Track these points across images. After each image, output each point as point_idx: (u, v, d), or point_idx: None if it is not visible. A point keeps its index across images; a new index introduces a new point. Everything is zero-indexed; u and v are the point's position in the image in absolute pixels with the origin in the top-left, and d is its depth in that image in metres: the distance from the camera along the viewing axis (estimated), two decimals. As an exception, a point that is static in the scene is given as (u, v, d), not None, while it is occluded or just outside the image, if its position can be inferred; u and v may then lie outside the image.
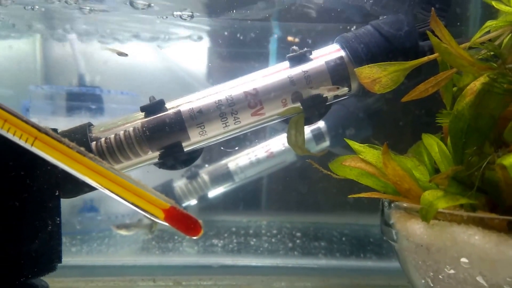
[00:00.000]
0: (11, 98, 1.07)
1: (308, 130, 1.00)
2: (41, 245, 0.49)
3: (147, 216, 0.39)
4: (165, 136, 0.57)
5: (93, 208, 1.06)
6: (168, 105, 0.59)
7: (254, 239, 1.04)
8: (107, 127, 0.58)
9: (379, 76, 0.54)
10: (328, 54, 0.61)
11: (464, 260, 0.40)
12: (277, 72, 0.60)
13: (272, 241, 1.04)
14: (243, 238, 1.05)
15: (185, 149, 0.59)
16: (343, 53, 0.60)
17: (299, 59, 0.60)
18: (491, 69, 0.46)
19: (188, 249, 0.99)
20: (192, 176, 1.03)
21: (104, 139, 0.57)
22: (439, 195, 0.43)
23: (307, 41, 1.03)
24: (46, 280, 0.52)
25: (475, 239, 0.40)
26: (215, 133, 0.59)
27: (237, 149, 1.05)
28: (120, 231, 0.97)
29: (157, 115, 0.58)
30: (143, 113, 0.58)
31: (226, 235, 1.07)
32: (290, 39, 1.08)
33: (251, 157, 1.04)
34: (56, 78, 1.19)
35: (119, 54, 0.95)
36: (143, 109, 0.58)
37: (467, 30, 0.90)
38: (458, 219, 0.42)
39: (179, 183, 1.04)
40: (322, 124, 1.01)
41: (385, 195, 0.53)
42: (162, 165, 0.60)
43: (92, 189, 0.54)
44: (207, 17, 0.99)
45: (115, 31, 1.08)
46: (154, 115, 0.58)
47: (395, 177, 0.49)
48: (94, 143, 0.56)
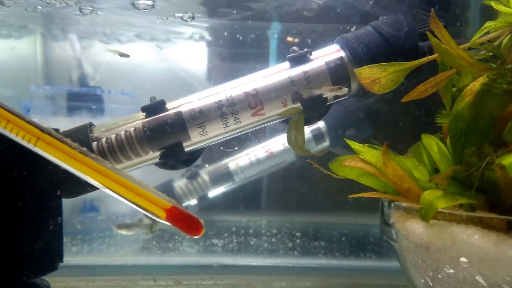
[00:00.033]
0: (12, 98, 1.07)
1: (308, 130, 1.01)
2: (43, 244, 0.49)
3: (149, 215, 0.39)
4: (166, 136, 0.57)
5: (94, 208, 1.06)
6: (168, 105, 0.59)
7: (254, 239, 1.04)
8: (108, 127, 0.58)
9: (379, 76, 0.54)
10: (328, 54, 0.61)
11: (463, 259, 0.41)
12: (277, 72, 0.60)
13: (272, 240, 1.04)
14: (243, 238, 1.05)
15: (186, 149, 0.59)
16: (343, 54, 0.60)
17: (299, 59, 0.60)
18: (490, 70, 0.46)
19: (188, 248, 0.99)
20: (192, 176, 1.03)
21: (105, 139, 0.57)
22: (438, 195, 0.43)
23: (306, 42, 1.04)
24: (47, 279, 0.53)
25: (475, 238, 0.40)
26: (216, 133, 0.59)
27: (236, 149, 1.05)
28: (120, 231, 0.97)
29: (158, 115, 0.58)
30: (144, 113, 0.58)
31: (226, 235, 1.07)
32: (289, 39, 1.08)
33: (251, 157, 1.04)
34: (57, 78, 1.19)
35: (121, 55, 0.95)
36: (144, 109, 0.59)
37: (467, 30, 0.90)
38: (457, 218, 0.42)
39: (179, 183, 1.04)
40: (322, 124, 1.01)
41: (385, 195, 0.53)
42: (163, 165, 0.60)
43: (92, 189, 0.55)
44: (208, 17, 1.00)
45: (116, 31, 1.08)
46: (155, 115, 0.58)
47: (395, 177, 0.49)
48: (95, 143, 0.56)
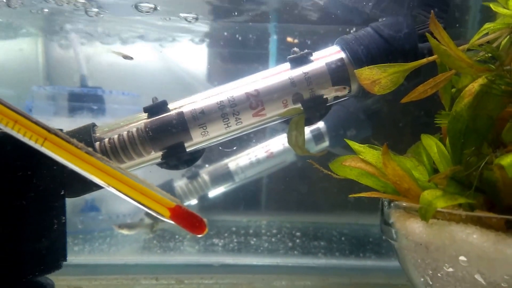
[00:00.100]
0: (13, 98, 1.07)
1: (307, 130, 1.01)
2: (48, 243, 0.49)
3: (153, 214, 0.39)
4: (168, 136, 0.57)
5: (94, 207, 1.06)
6: (170, 106, 0.59)
7: (254, 239, 1.05)
8: (111, 127, 0.59)
9: (379, 77, 0.54)
10: (328, 55, 0.61)
11: (462, 258, 0.41)
12: (278, 73, 0.61)
13: (272, 240, 1.04)
14: (243, 237, 1.06)
15: (188, 149, 0.59)
16: (343, 55, 0.61)
17: (300, 60, 0.61)
18: (489, 71, 0.47)
19: (189, 248, 0.99)
20: (192, 176, 1.03)
21: (107, 139, 0.57)
22: (438, 195, 0.44)
23: (307, 43, 1.04)
24: (50, 278, 0.53)
25: (473, 237, 0.40)
26: (217, 133, 0.60)
27: (235, 149, 1.05)
28: (121, 230, 0.97)
29: (160, 116, 0.58)
30: (146, 114, 0.59)
31: (226, 235, 1.07)
32: (289, 40, 1.08)
33: (251, 157, 1.04)
34: (58, 78, 1.19)
35: (125, 57, 0.95)
36: (146, 110, 0.59)
37: (466, 32, 0.91)
38: (456, 218, 0.43)
39: (180, 183, 1.04)
40: (321, 124, 1.01)
41: (385, 195, 0.53)
42: (164, 165, 0.61)
43: (95, 188, 0.55)
44: (209, 19, 1.00)
45: (117, 32, 1.08)
46: (157, 116, 0.58)
47: (395, 177, 0.50)
48: (97, 143, 0.57)
